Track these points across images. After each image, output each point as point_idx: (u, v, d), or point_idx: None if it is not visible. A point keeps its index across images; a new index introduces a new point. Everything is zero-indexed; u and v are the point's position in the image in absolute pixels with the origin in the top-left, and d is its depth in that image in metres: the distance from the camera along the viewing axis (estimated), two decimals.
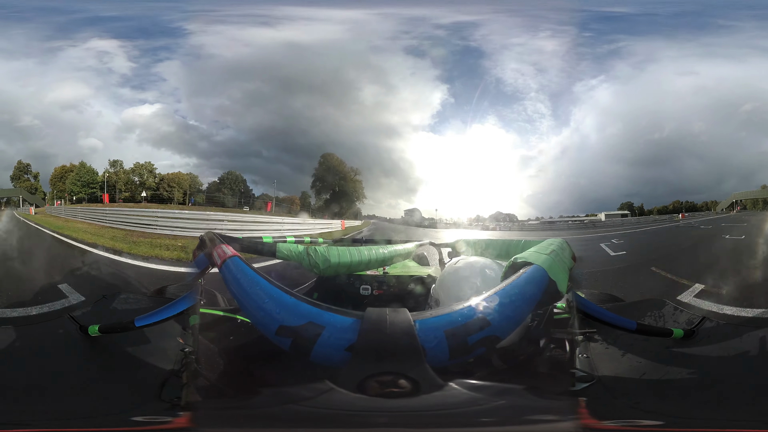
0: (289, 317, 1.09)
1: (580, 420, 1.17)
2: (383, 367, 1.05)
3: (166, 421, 1.17)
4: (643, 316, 2.00)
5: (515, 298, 1.17)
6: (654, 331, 1.66)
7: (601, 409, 1.25)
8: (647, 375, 1.42)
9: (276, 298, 1.15)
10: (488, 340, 1.10)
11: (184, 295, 1.63)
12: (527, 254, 1.43)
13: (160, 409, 1.24)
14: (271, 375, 1.36)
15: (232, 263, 1.36)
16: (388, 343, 1.03)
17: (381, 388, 1.05)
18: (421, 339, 1.03)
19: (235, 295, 1.26)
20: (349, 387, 1.05)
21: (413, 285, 2.45)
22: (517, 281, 1.23)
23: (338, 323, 1.06)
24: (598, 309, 1.62)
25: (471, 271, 1.62)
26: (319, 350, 1.05)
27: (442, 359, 1.06)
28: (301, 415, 1.13)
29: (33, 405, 1.28)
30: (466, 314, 1.09)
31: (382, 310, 1.08)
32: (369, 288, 2.47)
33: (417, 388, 1.05)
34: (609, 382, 1.38)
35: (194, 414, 1.20)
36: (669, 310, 2.08)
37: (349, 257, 2.11)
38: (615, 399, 1.31)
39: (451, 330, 1.05)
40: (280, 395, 1.21)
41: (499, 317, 1.11)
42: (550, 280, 1.29)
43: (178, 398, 1.25)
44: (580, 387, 1.32)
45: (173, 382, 1.32)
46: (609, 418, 1.20)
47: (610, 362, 1.50)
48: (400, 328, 1.04)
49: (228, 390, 1.36)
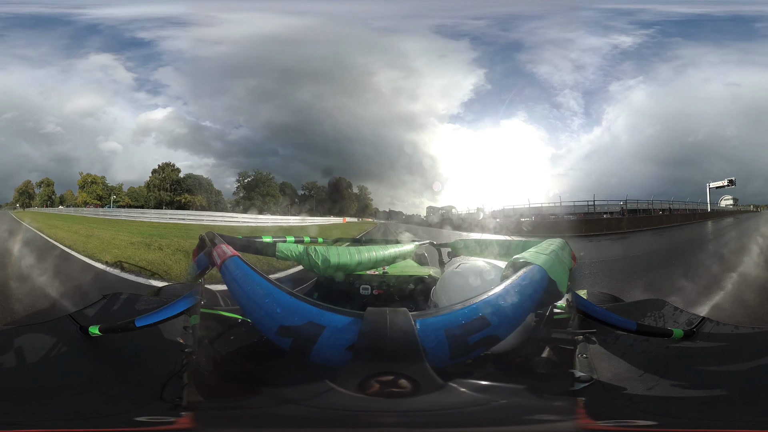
0: (289, 317, 1.09)
1: (576, 420, 1.17)
2: (383, 367, 1.05)
3: (169, 421, 1.17)
4: (643, 317, 2.00)
5: (515, 298, 1.17)
6: (654, 332, 1.66)
7: (599, 409, 1.25)
8: (647, 375, 1.42)
9: (276, 298, 1.15)
10: (488, 340, 1.10)
11: (185, 295, 1.63)
12: (527, 254, 1.43)
13: (163, 410, 1.24)
14: (271, 375, 1.36)
15: (232, 263, 1.36)
16: (389, 343, 1.03)
17: (381, 388, 1.05)
18: (421, 339, 1.04)
19: (235, 295, 1.26)
20: (349, 387, 1.06)
21: (413, 285, 2.45)
22: (517, 281, 1.23)
23: (338, 323, 1.06)
24: (598, 309, 1.62)
25: (471, 272, 1.62)
26: (319, 350, 1.06)
27: (443, 359, 1.06)
28: (301, 415, 1.13)
29: (34, 405, 1.28)
30: (466, 314, 1.09)
31: (382, 309, 1.08)
32: (369, 288, 2.47)
33: (417, 388, 1.05)
34: (608, 383, 1.38)
35: (196, 414, 1.20)
36: (669, 310, 2.08)
37: (349, 257, 2.11)
38: (614, 399, 1.31)
39: (452, 330, 1.06)
40: (280, 395, 1.21)
41: (499, 317, 1.11)
42: (550, 280, 1.29)
43: (179, 398, 1.25)
44: (579, 387, 1.32)
45: (174, 382, 1.32)
46: (607, 418, 1.20)
47: (609, 362, 1.50)
48: (400, 328, 1.04)
49: (229, 390, 1.36)
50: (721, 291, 6.07)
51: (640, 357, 1.54)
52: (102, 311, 2.11)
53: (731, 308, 5.25)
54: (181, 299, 1.60)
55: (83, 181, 24.10)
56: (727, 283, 6.57)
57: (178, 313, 1.55)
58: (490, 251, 2.33)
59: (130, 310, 2.20)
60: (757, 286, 6.54)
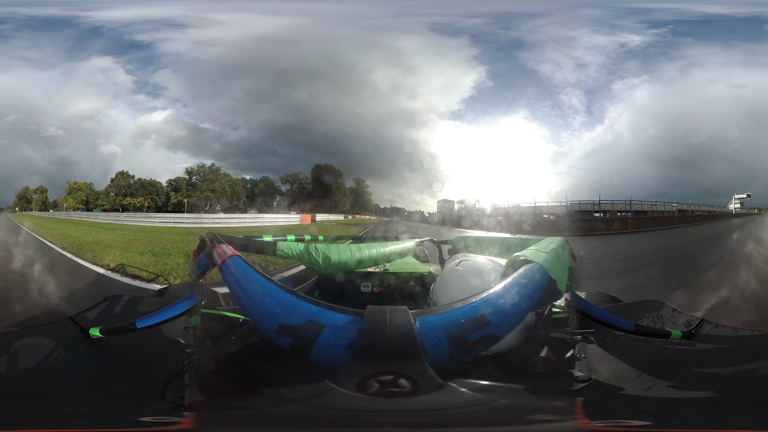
0: (289, 316, 1.09)
1: (574, 420, 1.17)
2: (383, 367, 1.05)
3: (173, 421, 1.17)
4: (642, 317, 2.01)
5: (515, 296, 1.17)
6: (652, 333, 1.66)
7: (597, 409, 1.25)
8: (645, 376, 1.42)
9: (276, 297, 1.15)
10: (488, 339, 1.10)
11: (185, 296, 1.63)
12: (527, 252, 1.43)
13: (165, 410, 1.24)
14: (271, 374, 1.36)
15: (232, 263, 1.36)
16: (388, 342, 1.03)
17: (381, 387, 1.05)
18: (421, 338, 1.03)
19: (235, 295, 1.26)
20: (349, 387, 1.05)
21: (414, 282, 2.45)
22: (516, 279, 1.23)
23: (338, 322, 1.06)
24: (596, 309, 1.63)
25: (471, 270, 1.62)
26: (318, 349, 1.05)
27: (443, 358, 1.06)
28: (301, 415, 1.13)
29: (35, 406, 1.28)
30: (466, 313, 1.09)
31: (382, 308, 1.08)
32: (370, 285, 2.47)
33: (417, 388, 1.04)
34: (606, 383, 1.38)
35: (198, 414, 1.20)
36: (667, 311, 2.08)
37: (350, 255, 2.12)
38: (612, 399, 1.31)
39: (452, 329, 1.05)
40: (280, 395, 1.21)
41: (499, 316, 1.11)
42: (550, 278, 1.29)
43: (181, 399, 1.25)
44: (577, 387, 1.32)
45: (176, 382, 1.32)
46: (605, 418, 1.20)
47: (608, 363, 1.50)
48: (400, 326, 1.04)
49: (229, 390, 1.36)
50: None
51: (638, 357, 1.55)
52: (103, 313, 2.11)
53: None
54: (182, 300, 1.60)
55: (70, 188, 26.55)
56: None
57: (179, 314, 1.55)
58: (490, 249, 2.33)
59: (131, 311, 2.20)
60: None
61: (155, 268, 7.89)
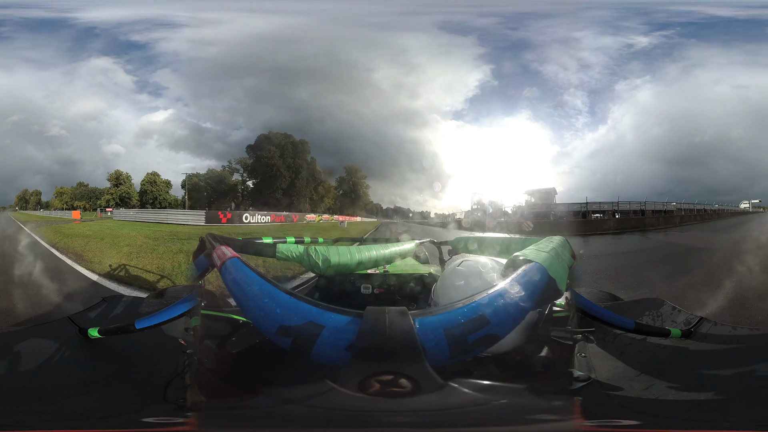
0: (289, 317, 1.09)
1: (573, 420, 1.17)
2: (383, 367, 1.05)
3: (177, 422, 1.17)
4: (642, 316, 2.01)
5: (515, 296, 1.17)
6: (652, 331, 1.66)
7: (595, 408, 1.25)
8: (644, 374, 1.42)
9: (275, 298, 1.15)
10: (488, 339, 1.10)
11: (185, 297, 1.63)
12: (527, 252, 1.43)
13: (166, 411, 1.24)
14: (271, 375, 1.36)
15: (231, 264, 1.36)
16: (388, 343, 1.03)
17: (381, 387, 1.05)
18: (421, 338, 1.04)
19: (235, 296, 1.26)
20: (349, 387, 1.05)
21: (414, 284, 2.45)
22: (516, 279, 1.23)
23: (338, 323, 1.07)
24: (596, 308, 1.63)
25: (471, 270, 1.62)
26: (318, 350, 1.06)
27: (443, 358, 1.06)
28: (301, 416, 1.13)
29: (34, 406, 1.28)
30: (465, 313, 1.09)
31: (381, 309, 1.08)
32: (370, 287, 2.47)
33: (417, 388, 1.05)
34: (606, 382, 1.38)
35: (200, 415, 1.20)
36: (667, 309, 2.08)
37: (349, 257, 2.12)
38: (610, 399, 1.31)
39: (451, 329, 1.06)
40: (281, 395, 1.21)
41: (499, 316, 1.11)
42: (549, 277, 1.29)
43: (183, 399, 1.25)
44: (576, 387, 1.32)
45: (177, 383, 1.32)
46: (603, 417, 1.20)
47: (607, 361, 1.50)
48: (399, 327, 1.04)
49: (230, 390, 1.36)
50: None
51: (637, 356, 1.55)
52: (102, 314, 2.11)
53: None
54: (181, 301, 1.60)
55: (56, 192, 29.17)
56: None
57: (178, 315, 1.55)
58: (491, 249, 2.33)
59: (130, 312, 2.20)
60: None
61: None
